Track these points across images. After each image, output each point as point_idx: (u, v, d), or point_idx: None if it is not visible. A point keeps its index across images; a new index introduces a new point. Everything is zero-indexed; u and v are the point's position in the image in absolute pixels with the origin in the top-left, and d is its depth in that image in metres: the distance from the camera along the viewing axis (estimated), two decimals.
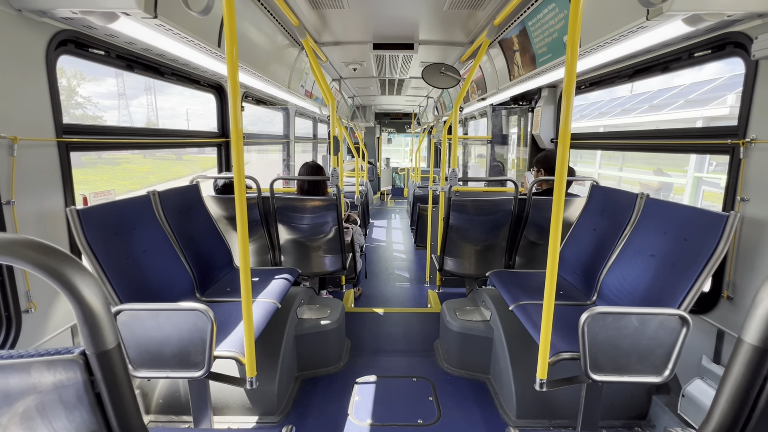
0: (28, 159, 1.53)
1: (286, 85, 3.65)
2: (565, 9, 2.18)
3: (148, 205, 2.06)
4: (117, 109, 34.27)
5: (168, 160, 26.74)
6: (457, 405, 2.22)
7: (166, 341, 1.47)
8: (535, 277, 2.47)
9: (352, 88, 6.33)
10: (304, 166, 3.10)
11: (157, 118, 33.83)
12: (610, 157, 11.41)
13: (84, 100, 26.99)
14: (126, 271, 1.77)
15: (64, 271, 0.45)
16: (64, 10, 1.46)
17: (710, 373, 1.78)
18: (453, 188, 2.93)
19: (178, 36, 1.83)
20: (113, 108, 38.43)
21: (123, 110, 32.19)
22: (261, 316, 1.93)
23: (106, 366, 0.49)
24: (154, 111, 33.11)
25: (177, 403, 2.09)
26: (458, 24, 3.12)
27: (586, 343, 1.45)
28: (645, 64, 2.22)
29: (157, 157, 26.17)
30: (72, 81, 24.39)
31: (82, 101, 26.81)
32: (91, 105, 27.78)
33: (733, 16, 1.48)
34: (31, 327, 1.56)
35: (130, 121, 32.34)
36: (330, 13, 2.89)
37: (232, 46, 1.25)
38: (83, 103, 26.85)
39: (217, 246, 2.56)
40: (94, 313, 0.47)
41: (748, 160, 1.63)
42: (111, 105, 45.20)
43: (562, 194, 1.29)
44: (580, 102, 13.01)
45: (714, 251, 1.52)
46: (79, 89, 26.39)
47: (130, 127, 2.49)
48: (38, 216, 1.60)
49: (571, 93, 1.23)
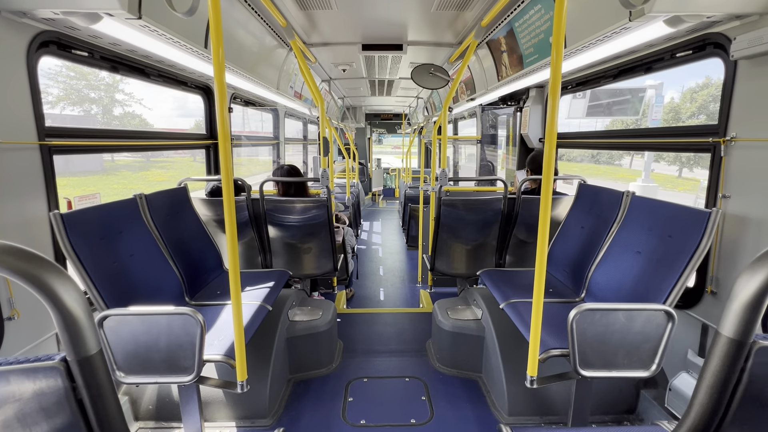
0: (8, 162, 1.50)
1: (275, 86, 3.63)
2: (551, 10, 2.21)
3: (134, 209, 2.03)
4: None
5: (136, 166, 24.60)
6: (450, 404, 2.23)
7: (155, 346, 1.45)
8: (525, 275, 2.49)
9: (342, 88, 6.32)
10: (279, 169, 3.08)
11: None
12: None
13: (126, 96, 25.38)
14: (113, 276, 1.74)
15: (42, 276, 0.44)
16: (45, 11, 1.43)
17: (696, 367, 1.82)
18: (443, 188, 2.95)
19: (164, 37, 1.80)
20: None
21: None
22: (251, 318, 1.92)
23: (88, 372, 0.48)
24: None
25: (167, 409, 2.06)
26: (446, 25, 3.14)
27: (575, 340, 1.47)
28: (629, 64, 2.26)
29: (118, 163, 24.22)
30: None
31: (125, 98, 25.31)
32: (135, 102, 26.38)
33: (712, 17, 1.52)
34: (15, 335, 1.53)
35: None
36: (318, 14, 2.89)
37: (219, 46, 1.24)
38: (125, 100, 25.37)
39: (207, 249, 2.53)
40: (75, 319, 0.46)
41: (729, 157, 1.67)
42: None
43: (549, 193, 1.31)
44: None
45: (697, 247, 1.56)
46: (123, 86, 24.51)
47: (115, 129, 2.43)
48: (20, 221, 1.56)
49: (556, 93, 1.25)
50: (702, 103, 21.12)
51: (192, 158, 22.79)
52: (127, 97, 25.49)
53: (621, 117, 15.39)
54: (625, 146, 2.52)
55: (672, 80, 29.92)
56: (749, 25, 1.52)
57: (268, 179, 2.88)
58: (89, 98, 24.40)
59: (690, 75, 31.94)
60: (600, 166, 26.08)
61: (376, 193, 10.89)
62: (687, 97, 22.34)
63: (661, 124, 15.69)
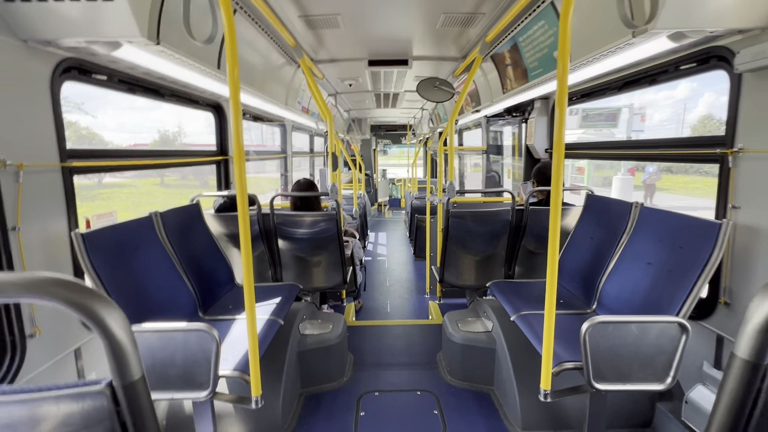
0: (33, 184, 1.55)
1: (284, 102, 3.71)
2: (554, 26, 2.25)
3: (150, 226, 2.08)
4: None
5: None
6: (462, 418, 2.21)
7: (171, 362, 1.47)
8: (535, 286, 2.49)
9: (348, 102, 6.42)
10: (296, 183, 3.14)
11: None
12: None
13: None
14: (129, 293, 1.77)
15: (93, 307, 0.47)
16: (69, 40, 1.50)
17: (712, 379, 1.80)
18: (451, 200, 2.97)
19: (180, 60, 1.87)
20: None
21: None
22: (264, 333, 1.94)
23: (132, 396, 0.50)
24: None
25: (179, 424, 2.07)
26: (451, 40, 3.20)
27: (588, 353, 1.46)
28: (634, 77, 2.29)
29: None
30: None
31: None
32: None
33: (714, 32, 1.54)
34: (36, 351, 1.56)
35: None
36: (326, 33, 2.97)
37: (234, 68, 1.29)
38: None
39: (219, 264, 2.57)
40: (121, 346, 0.49)
41: (737, 168, 1.68)
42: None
43: (559, 203, 1.33)
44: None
45: (709, 258, 1.56)
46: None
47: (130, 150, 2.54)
48: (43, 241, 1.61)
49: (563, 106, 1.28)
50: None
51: (159, 180, 20.15)
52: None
53: (606, 128, 17.91)
54: (631, 157, 2.54)
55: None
56: (752, 38, 1.54)
57: (279, 194, 2.93)
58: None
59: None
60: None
61: (382, 204, 10.93)
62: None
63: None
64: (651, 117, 22.91)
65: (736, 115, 1.66)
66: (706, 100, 27.99)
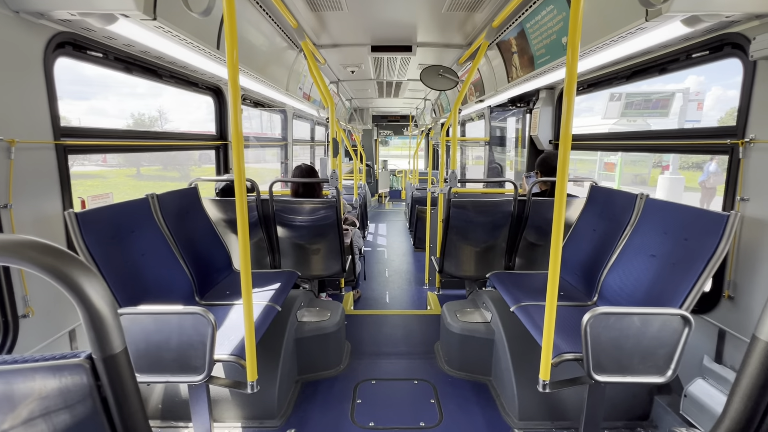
0: (25, 162, 1.52)
1: (285, 87, 3.65)
2: (564, 11, 2.19)
3: (146, 209, 2.05)
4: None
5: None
6: (459, 407, 2.21)
7: (166, 345, 1.46)
8: (536, 278, 2.47)
9: (350, 90, 6.34)
10: (297, 168, 3.09)
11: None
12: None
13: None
14: (124, 275, 1.75)
15: (71, 273, 0.44)
16: (62, 12, 1.45)
17: (713, 373, 1.78)
18: (452, 190, 2.93)
19: (177, 38, 1.82)
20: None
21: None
22: (261, 319, 1.92)
23: (113, 370, 0.48)
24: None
25: (175, 408, 2.07)
26: (456, 26, 3.13)
27: (588, 344, 1.44)
28: (643, 65, 2.23)
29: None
30: None
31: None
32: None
33: (731, 17, 1.49)
34: (29, 332, 1.54)
35: None
36: (328, 15, 2.90)
37: (233, 48, 1.24)
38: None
39: (216, 249, 2.54)
40: (101, 316, 0.46)
41: (748, 159, 1.63)
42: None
43: (564, 195, 1.29)
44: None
45: (715, 251, 1.53)
46: None
47: (128, 129, 2.49)
48: (36, 219, 1.58)
49: (572, 94, 1.23)
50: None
51: (135, 170, 18.71)
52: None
53: (655, 118, 14.71)
54: (639, 148, 2.49)
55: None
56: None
57: (278, 179, 2.89)
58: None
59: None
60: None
61: (383, 195, 10.88)
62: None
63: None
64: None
65: (749, 104, 1.61)
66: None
